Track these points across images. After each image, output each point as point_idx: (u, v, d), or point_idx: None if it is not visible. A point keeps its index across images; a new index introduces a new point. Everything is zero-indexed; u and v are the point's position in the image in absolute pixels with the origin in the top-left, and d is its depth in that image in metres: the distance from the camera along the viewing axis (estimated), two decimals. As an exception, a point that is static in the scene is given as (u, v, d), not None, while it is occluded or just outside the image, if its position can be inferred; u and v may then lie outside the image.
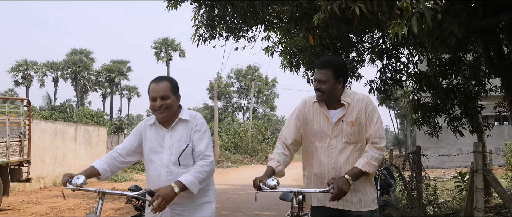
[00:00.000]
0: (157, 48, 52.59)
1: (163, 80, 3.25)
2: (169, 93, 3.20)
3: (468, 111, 9.57)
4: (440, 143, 20.32)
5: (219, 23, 8.35)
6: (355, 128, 3.27)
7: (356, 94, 3.36)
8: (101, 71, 55.91)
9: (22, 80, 53.70)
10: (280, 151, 3.38)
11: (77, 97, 55.26)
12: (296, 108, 3.50)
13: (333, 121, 3.30)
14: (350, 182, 3.08)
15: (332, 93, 3.30)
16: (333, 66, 3.31)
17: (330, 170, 3.28)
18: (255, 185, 3.09)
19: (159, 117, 3.24)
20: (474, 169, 6.19)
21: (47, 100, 49.67)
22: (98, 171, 3.18)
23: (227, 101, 52.48)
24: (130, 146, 3.33)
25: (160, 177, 3.17)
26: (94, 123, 34.88)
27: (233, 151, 37.01)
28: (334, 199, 3.03)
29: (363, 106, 3.29)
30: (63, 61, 55.32)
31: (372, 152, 3.22)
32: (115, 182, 16.72)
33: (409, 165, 9.21)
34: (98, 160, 3.31)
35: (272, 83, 50.87)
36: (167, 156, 3.19)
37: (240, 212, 9.60)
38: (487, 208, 9.27)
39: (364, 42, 9.84)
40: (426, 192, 8.95)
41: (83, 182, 2.95)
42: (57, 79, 55.80)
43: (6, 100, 10.56)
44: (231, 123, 44.16)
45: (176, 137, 3.21)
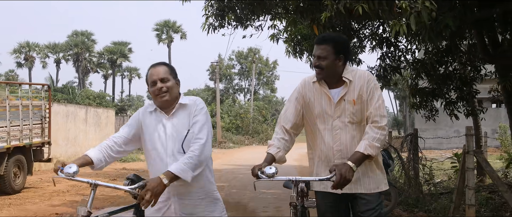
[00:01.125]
0: (158, 30, 52.83)
1: (161, 64, 3.18)
2: (168, 75, 3.12)
3: (464, 95, 10.11)
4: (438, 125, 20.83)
5: (228, 13, 8.81)
6: (357, 107, 3.13)
7: (358, 71, 3.21)
8: (103, 53, 56.23)
9: (24, 62, 54.03)
10: (280, 136, 3.24)
11: (79, 78, 55.67)
12: (295, 90, 3.35)
13: (335, 100, 3.16)
14: (353, 168, 2.93)
15: (332, 71, 3.15)
16: (333, 41, 3.15)
17: (336, 152, 3.15)
18: (254, 173, 2.99)
19: (160, 102, 3.11)
20: (466, 150, 6.74)
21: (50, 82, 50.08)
22: (91, 160, 3.05)
23: (229, 83, 52.92)
24: (127, 134, 3.20)
25: (166, 166, 2.98)
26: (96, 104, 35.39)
27: (234, 132, 37.57)
28: (336, 187, 2.91)
29: (364, 83, 3.14)
30: (65, 43, 55.59)
31: (373, 132, 3.06)
32: (124, 162, 17.26)
33: (407, 147, 9.77)
34: (93, 148, 3.17)
35: (273, 65, 51.28)
36: (171, 143, 3.06)
37: (247, 190, 10.18)
38: (481, 188, 9.84)
39: (365, 29, 10.31)
40: (423, 172, 9.51)
41: (75, 171, 2.83)
42: (59, 61, 56.12)
43: (29, 86, 11.16)
44: (233, 104, 44.67)
45: (177, 124, 3.09)
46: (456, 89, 9.90)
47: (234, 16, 8.96)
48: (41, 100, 11.19)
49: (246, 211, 8.18)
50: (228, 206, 8.48)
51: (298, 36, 10.10)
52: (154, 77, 3.08)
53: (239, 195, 9.73)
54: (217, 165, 16.79)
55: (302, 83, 3.31)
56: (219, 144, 31.41)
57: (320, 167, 3.23)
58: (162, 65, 3.16)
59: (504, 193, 6.51)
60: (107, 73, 58.14)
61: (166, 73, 3.11)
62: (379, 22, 8.97)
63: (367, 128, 3.10)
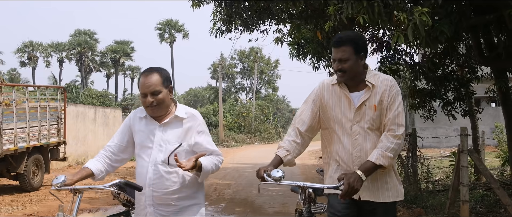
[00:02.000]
0: (161, 30, 53.25)
1: (153, 73, 3.00)
2: (160, 87, 2.97)
3: (461, 96, 10.52)
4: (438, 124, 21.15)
5: (235, 18, 9.24)
6: (378, 113, 3.00)
7: (381, 75, 3.08)
8: (106, 52, 56.66)
9: (28, 61, 54.47)
10: (292, 138, 3.11)
11: (82, 77, 56.10)
12: (313, 92, 3.21)
13: (356, 104, 3.02)
14: (362, 178, 2.82)
15: (355, 72, 3.01)
16: (353, 41, 2.99)
17: (355, 158, 3.02)
18: (259, 175, 2.88)
19: (151, 113, 3.03)
20: (460, 150, 7.15)
21: (53, 81, 50.50)
22: (92, 171, 3.03)
23: (230, 82, 53.28)
24: (120, 142, 3.14)
25: (146, 175, 2.99)
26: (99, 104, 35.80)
27: (236, 130, 37.90)
28: (343, 196, 2.81)
29: (387, 89, 2.99)
30: (68, 42, 56.00)
31: (387, 141, 2.93)
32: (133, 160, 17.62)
33: (406, 146, 10.18)
34: (92, 160, 3.14)
35: (275, 65, 51.64)
36: (156, 152, 2.99)
37: (253, 187, 10.61)
38: (477, 185, 10.26)
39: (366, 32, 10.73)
40: (421, 170, 9.93)
41: (63, 180, 2.86)
42: (62, 60, 56.55)
43: (46, 88, 11.67)
44: (235, 103, 45.04)
45: (169, 134, 3.01)
46: (453, 90, 10.30)
47: (240, 21, 9.40)
48: (57, 102, 11.73)
49: (253, 207, 8.62)
50: (236, 202, 9.02)
51: (302, 40, 10.55)
52: (145, 90, 2.96)
53: (245, 192, 10.16)
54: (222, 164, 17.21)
55: (320, 85, 3.18)
56: (221, 143, 31.79)
57: (337, 172, 3.04)
58: (154, 74, 2.99)
59: (497, 190, 6.91)
60: (109, 72, 58.55)
61: (157, 85, 2.96)
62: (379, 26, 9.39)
63: (383, 136, 2.97)
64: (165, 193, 2.95)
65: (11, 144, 9.72)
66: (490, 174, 7.34)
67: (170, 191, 2.96)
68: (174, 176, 2.96)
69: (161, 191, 2.95)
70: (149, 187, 2.96)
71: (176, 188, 2.96)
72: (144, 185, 2.97)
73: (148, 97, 2.95)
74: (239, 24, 9.50)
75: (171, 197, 2.96)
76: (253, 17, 9.14)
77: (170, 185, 2.97)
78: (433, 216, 7.24)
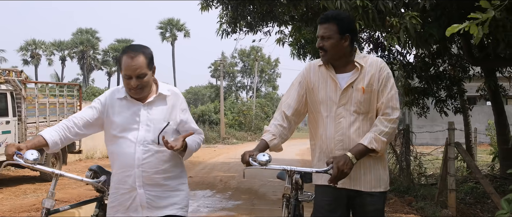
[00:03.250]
0: (162, 29, 53.82)
1: (138, 53, 2.80)
2: (145, 69, 2.80)
3: (453, 94, 11.13)
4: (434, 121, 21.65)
5: (240, 20, 9.88)
6: (366, 96, 2.85)
7: (370, 57, 2.95)
8: (108, 50, 57.22)
9: (30, 59, 55.01)
10: (278, 122, 2.99)
11: (84, 75, 56.66)
12: (299, 74, 3.09)
13: (342, 86, 2.88)
14: (352, 160, 2.70)
15: (338, 52, 2.86)
16: (337, 19, 2.85)
17: (337, 142, 2.87)
18: (244, 160, 2.78)
19: (134, 95, 2.87)
20: (448, 143, 7.78)
21: (56, 79, 51.04)
22: (46, 141, 2.82)
23: (231, 80, 53.92)
24: (89, 117, 2.93)
25: (134, 155, 2.84)
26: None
27: (237, 128, 38.41)
28: (332, 181, 2.69)
29: (376, 71, 2.85)
30: (70, 41, 56.53)
31: (381, 125, 2.80)
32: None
33: (400, 141, 10.81)
34: (49, 128, 2.92)
35: (275, 63, 52.26)
36: (144, 132, 2.86)
37: (256, 179, 11.25)
38: (468, 178, 10.86)
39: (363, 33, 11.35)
40: (414, 164, 10.56)
41: (36, 159, 2.67)
42: (64, 58, 57.07)
43: (63, 86, 12.38)
44: (235, 101, 45.63)
45: (155, 113, 2.89)
46: (445, 88, 10.90)
47: (245, 23, 10.03)
48: (73, 99, 12.44)
49: (257, 195, 9.27)
50: (241, 191, 9.68)
51: (302, 40, 11.19)
52: (129, 72, 2.77)
53: (249, 183, 10.78)
54: (225, 159, 17.89)
55: (307, 67, 3.06)
56: (223, 140, 32.35)
57: (321, 158, 2.96)
58: (139, 56, 2.79)
59: (480, 180, 7.52)
60: (111, 70, 59.10)
61: (142, 67, 2.79)
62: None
63: (377, 120, 2.84)
64: (155, 172, 2.86)
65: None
66: (474, 165, 7.97)
67: (160, 170, 2.87)
68: (164, 155, 2.87)
69: (152, 170, 2.85)
70: (138, 168, 2.83)
71: (166, 166, 2.88)
72: (132, 165, 2.83)
73: (133, 80, 2.78)
74: (243, 26, 10.12)
75: (162, 176, 2.88)
76: (257, 19, 9.76)
77: (160, 164, 2.87)
78: (422, 203, 7.82)
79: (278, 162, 2.87)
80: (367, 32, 11.11)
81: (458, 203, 7.95)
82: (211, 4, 9.24)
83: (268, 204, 8.23)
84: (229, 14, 9.72)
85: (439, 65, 10.51)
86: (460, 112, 11.65)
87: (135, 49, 2.83)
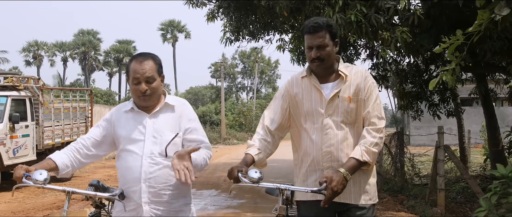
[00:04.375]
0: (163, 30, 54.37)
1: (147, 58, 2.75)
2: (154, 73, 2.73)
3: (445, 98, 11.65)
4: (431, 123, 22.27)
5: (243, 29, 10.44)
6: (352, 105, 2.78)
7: (353, 67, 2.90)
8: (110, 51, 57.71)
9: (33, 60, 55.40)
10: (261, 137, 2.88)
11: (85, 76, 57.12)
12: (282, 88, 3.02)
13: (328, 96, 2.81)
14: (347, 178, 2.61)
15: (331, 60, 2.83)
16: (329, 26, 2.80)
17: (325, 154, 2.79)
18: (233, 176, 2.62)
19: (143, 103, 2.76)
20: (437, 145, 8.32)
21: (58, 79, 51.46)
22: (56, 165, 2.71)
23: (232, 81, 54.49)
24: (96, 136, 2.84)
25: (140, 168, 2.69)
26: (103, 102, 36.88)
27: (238, 129, 38.87)
28: (326, 203, 2.57)
29: (362, 80, 2.82)
30: (72, 42, 56.94)
31: (370, 136, 2.74)
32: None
33: (395, 143, 11.36)
34: (58, 152, 2.82)
35: (275, 65, 52.81)
36: (150, 144, 2.72)
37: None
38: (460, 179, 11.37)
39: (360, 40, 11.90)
40: (407, 165, 11.10)
41: (46, 179, 2.51)
42: (65, 59, 57.46)
43: (76, 91, 13.06)
44: (236, 102, 46.13)
45: (161, 124, 2.74)
46: (438, 92, 11.42)
47: (247, 32, 10.60)
48: (85, 103, 13.13)
49: (260, 194, 9.77)
50: (244, 190, 10.29)
51: (302, 47, 11.73)
52: (138, 76, 2.69)
53: (251, 183, 11.38)
54: (227, 160, 18.42)
55: (289, 81, 2.99)
56: (223, 141, 32.86)
57: (308, 172, 2.86)
58: (148, 60, 2.74)
59: (468, 180, 8.08)
60: (112, 71, 59.55)
61: (152, 71, 2.71)
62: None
63: (364, 131, 2.78)
64: (162, 188, 2.70)
65: (49, 139, 11.16)
66: (462, 166, 8.53)
67: (169, 185, 2.71)
68: (172, 169, 2.61)
69: (159, 185, 2.70)
70: (144, 182, 2.68)
71: (175, 182, 2.67)
72: (138, 179, 2.68)
73: (142, 85, 2.69)
74: (246, 34, 10.69)
75: (168, 193, 2.72)
76: (258, 28, 10.33)
77: (169, 179, 2.70)
78: (413, 202, 8.37)
79: (275, 163, 2.96)
80: (363, 40, 11.68)
81: (449, 202, 8.47)
82: (217, 15, 9.80)
83: (270, 202, 8.77)
84: (232, 24, 10.27)
85: (431, 71, 11.02)
86: (453, 115, 12.15)
87: (144, 55, 2.79)
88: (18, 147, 10.04)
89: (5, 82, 10.29)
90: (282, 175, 11.55)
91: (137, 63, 2.71)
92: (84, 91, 14.04)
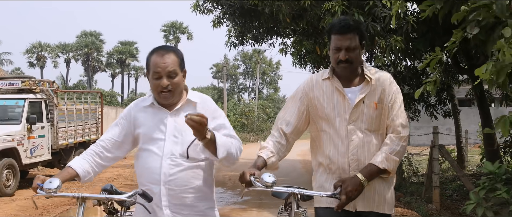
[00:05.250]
0: (166, 31, 54.81)
1: (169, 52, 2.58)
2: (177, 68, 2.56)
3: (442, 99, 12.06)
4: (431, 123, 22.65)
5: (246, 34, 10.92)
6: (378, 112, 2.67)
7: (378, 71, 2.77)
8: (113, 53, 58.13)
9: (36, 61, 55.69)
10: (276, 139, 2.76)
11: (88, 77, 57.51)
12: (299, 89, 2.86)
13: (353, 101, 2.68)
14: (364, 184, 2.53)
15: (358, 64, 2.72)
16: (359, 28, 2.71)
17: (352, 162, 2.66)
18: (245, 180, 2.50)
19: (164, 100, 2.59)
20: (433, 145, 8.76)
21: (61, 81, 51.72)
22: (76, 173, 2.61)
23: (234, 82, 54.94)
24: (116, 137, 2.70)
25: (160, 170, 2.54)
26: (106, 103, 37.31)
27: (240, 129, 39.13)
28: (340, 207, 2.51)
29: (387, 86, 2.69)
30: (75, 43, 57.24)
31: (393, 144, 2.63)
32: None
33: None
34: (78, 158, 2.69)
35: (276, 66, 53.26)
36: (170, 144, 2.57)
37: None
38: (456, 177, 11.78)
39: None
40: (405, 164, 11.53)
41: (58, 186, 2.44)
42: (69, 61, 57.76)
43: (87, 94, 13.61)
44: (238, 103, 46.55)
45: (183, 123, 2.44)
46: (435, 94, 11.83)
47: (251, 36, 11.08)
48: (95, 105, 13.78)
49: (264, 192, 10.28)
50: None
51: (303, 51, 12.21)
52: (159, 70, 2.52)
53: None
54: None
55: (308, 81, 2.83)
56: (226, 141, 33.35)
57: (330, 179, 2.74)
58: (170, 54, 2.57)
59: (462, 177, 8.52)
60: (114, 72, 59.94)
61: (174, 65, 2.55)
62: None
63: (387, 138, 2.68)
64: (183, 191, 2.56)
65: (63, 140, 11.77)
66: (456, 165, 8.97)
67: (190, 188, 2.56)
68: (194, 171, 2.57)
69: (179, 188, 2.55)
70: (164, 185, 2.55)
71: (196, 184, 2.57)
72: (158, 181, 2.55)
73: (163, 80, 2.52)
74: (249, 39, 11.18)
75: (189, 196, 2.58)
76: (262, 32, 10.80)
77: (190, 181, 2.57)
78: (409, 198, 8.82)
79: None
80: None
81: (445, 199, 8.89)
82: (223, 22, 10.30)
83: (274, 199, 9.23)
84: (237, 29, 10.74)
85: (429, 73, 11.42)
86: (450, 116, 12.57)
87: (166, 48, 2.64)
88: (35, 147, 10.59)
89: (22, 85, 10.84)
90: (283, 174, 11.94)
91: (159, 57, 2.55)
92: (94, 93, 14.58)
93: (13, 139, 9.97)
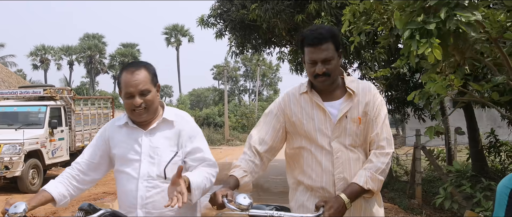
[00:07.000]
0: (167, 34, 55.70)
1: (139, 68, 2.45)
2: (149, 85, 2.43)
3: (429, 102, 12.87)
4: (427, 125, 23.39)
5: (246, 44, 11.88)
6: (362, 127, 2.48)
7: (360, 82, 2.56)
8: (115, 55, 58.97)
9: (40, 64, 56.44)
10: (249, 158, 2.53)
11: (91, 79, 58.34)
12: (274, 105, 2.65)
13: (335, 116, 2.48)
14: (347, 206, 2.33)
15: (337, 74, 2.51)
16: (334, 36, 2.44)
17: (338, 180, 2.48)
18: (217, 202, 2.25)
19: (138, 118, 2.46)
20: (415, 146, 9.65)
21: (65, 83, 52.61)
22: (51, 196, 2.46)
23: (234, 84, 55.77)
24: (92, 158, 2.57)
25: (136, 193, 2.44)
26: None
27: (240, 130, 39.83)
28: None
29: (371, 98, 2.50)
30: (78, 46, 58.01)
31: (377, 161, 2.43)
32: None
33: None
34: (53, 181, 2.54)
35: (276, 68, 54.07)
36: (147, 165, 2.46)
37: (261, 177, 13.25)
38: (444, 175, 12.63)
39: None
40: (395, 163, 12.43)
41: (24, 209, 2.29)
42: (72, 63, 58.53)
43: (100, 100, 14.69)
44: (239, 104, 47.32)
45: (159, 142, 2.46)
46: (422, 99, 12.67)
47: (251, 46, 12.04)
48: (108, 110, 14.81)
49: (263, 189, 11.30)
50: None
51: (299, 59, 13.11)
52: (131, 89, 2.40)
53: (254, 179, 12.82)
54: (230, 159, 19.71)
55: (284, 97, 2.63)
56: (227, 142, 34.07)
57: (312, 198, 2.56)
58: (141, 70, 2.44)
59: (441, 176, 9.40)
60: (116, 74, 60.52)
61: (146, 83, 2.42)
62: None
63: (372, 154, 2.48)
64: (161, 213, 2.43)
65: (79, 142, 12.90)
66: (437, 164, 9.87)
67: (168, 211, 2.38)
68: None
69: (156, 211, 2.44)
70: (141, 208, 2.44)
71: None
72: (133, 206, 2.45)
73: (135, 99, 2.40)
74: (249, 48, 12.14)
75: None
76: (260, 43, 11.77)
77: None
78: (392, 194, 9.72)
79: (276, 162, 2.57)
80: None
81: (431, 195, 9.71)
82: (224, 34, 11.28)
83: (272, 195, 10.19)
84: (237, 40, 11.70)
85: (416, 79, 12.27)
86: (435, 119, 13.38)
87: (136, 64, 2.49)
88: (55, 149, 11.64)
89: (44, 93, 11.97)
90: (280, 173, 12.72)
91: (129, 74, 2.42)
92: (106, 99, 15.66)
93: (37, 141, 11.02)
